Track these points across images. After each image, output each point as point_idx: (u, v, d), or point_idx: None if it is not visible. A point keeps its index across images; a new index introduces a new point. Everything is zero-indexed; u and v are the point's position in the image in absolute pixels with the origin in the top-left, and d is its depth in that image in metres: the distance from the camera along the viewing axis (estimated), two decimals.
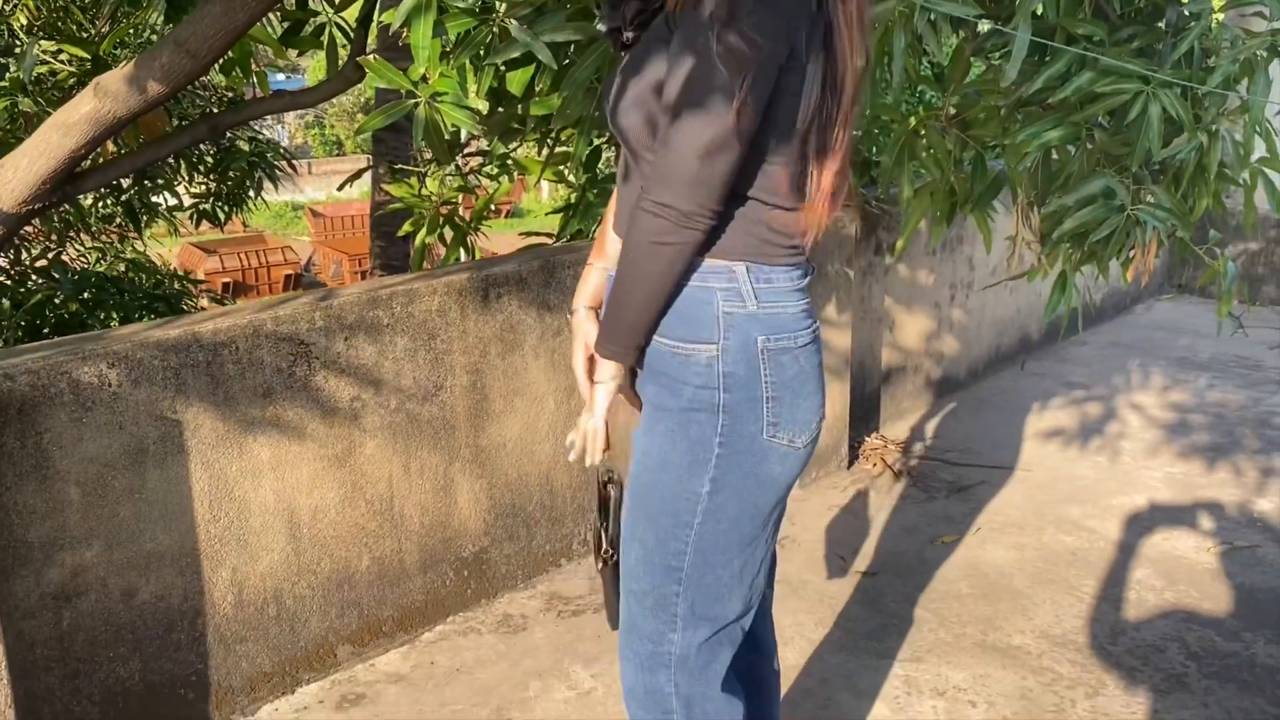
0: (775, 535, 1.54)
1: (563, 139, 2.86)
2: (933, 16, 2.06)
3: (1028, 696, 2.35)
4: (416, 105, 2.08)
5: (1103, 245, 2.39)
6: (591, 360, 1.50)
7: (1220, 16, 2.55)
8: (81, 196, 4.87)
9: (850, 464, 3.65)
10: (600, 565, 1.60)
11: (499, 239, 6.28)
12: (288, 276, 13.12)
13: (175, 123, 4.10)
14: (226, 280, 12.46)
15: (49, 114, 2.55)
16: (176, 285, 4.68)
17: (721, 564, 1.46)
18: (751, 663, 1.71)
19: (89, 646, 2.04)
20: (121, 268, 4.78)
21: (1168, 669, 2.45)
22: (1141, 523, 3.20)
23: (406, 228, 3.43)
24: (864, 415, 3.90)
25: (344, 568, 2.41)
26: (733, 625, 1.50)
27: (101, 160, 2.89)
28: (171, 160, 4.59)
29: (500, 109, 2.45)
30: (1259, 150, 2.39)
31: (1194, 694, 2.36)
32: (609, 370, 1.45)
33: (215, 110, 4.49)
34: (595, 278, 1.58)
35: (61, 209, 4.46)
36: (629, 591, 1.50)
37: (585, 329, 1.55)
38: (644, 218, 1.33)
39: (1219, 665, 2.47)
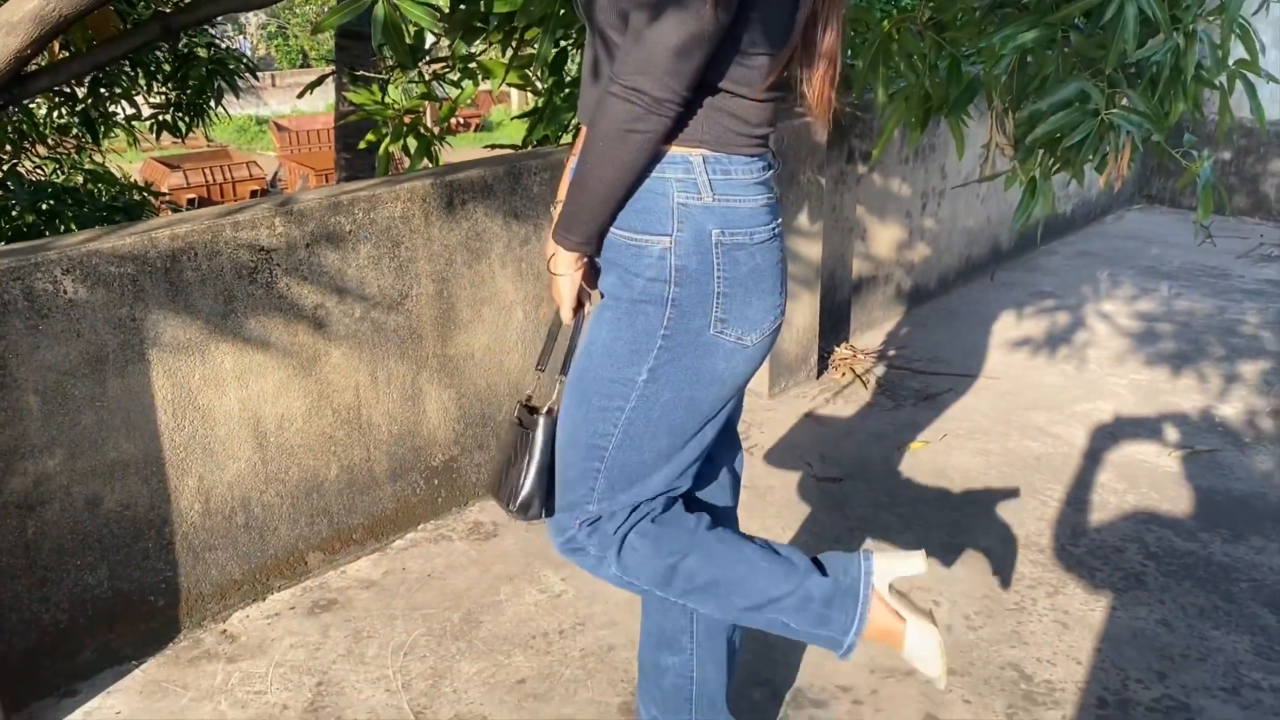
0: (715, 432, 1.52)
1: (527, 39, 2.79)
2: None
3: (990, 596, 2.40)
4: (376, 2, 2.01)
5: (1076, 150, 2.37)
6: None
7: None
8: (35, 105, 4.74)
9: (819, 374, 3.67)
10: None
11: (468, 154, 6.18)
12: (253, 192, 12.91)
13: (125, 26, 3.96)
14: (191, 196, 12.24)
15: None
16: (137, 197, 4.58)
17: (648, 449, 1.47)
18: None
19: (55, 554, 2.03)
20: (80, 179, 4.68)
21: (1127, 568, 2.51)
22: (1106, 428, 3.24)
23: (370, 137, 3.36)
24: (834, 325, 3.90)
25: (312, 476, 2.41)
26: (647, 502, 1.51)
27: (49, 63, 2.79)
28: (128, 69, 4.46)
29: (462, 5, 2.38)
30: (1237, 53, 2.36)
31: (1151, 591, 2.42)
32: (565, 261, 1.44)
33: (167, 10, 4.36)
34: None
35: (15, 119, 4.33)
36: (560, 454, 1.54)
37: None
38: (613, 103, 1.30)
39: (1176, 564, 2.52)
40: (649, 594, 1.56)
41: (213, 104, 4.85)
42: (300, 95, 3.76)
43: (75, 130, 4.87)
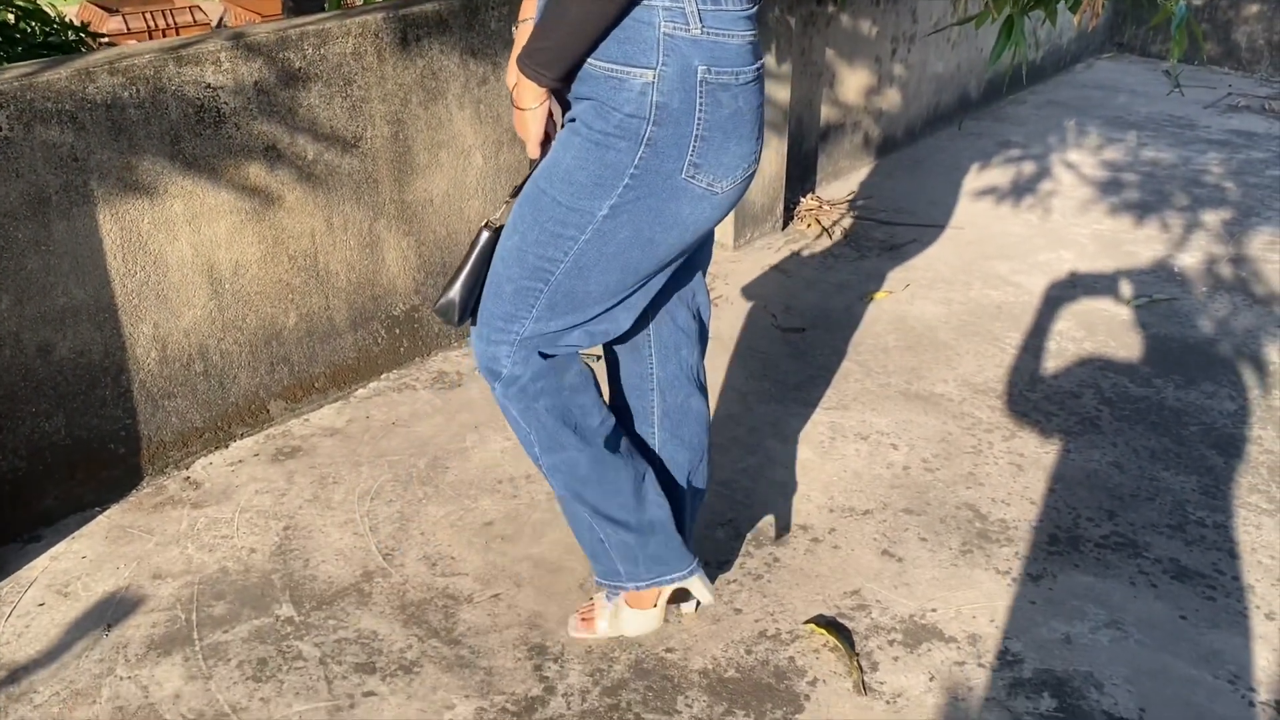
0: (664, 280, 1.53)
1: None
2: None
3: (947, 440, 2.45)
4: None
5: None
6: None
7: None
8: None
9: (785, 225, 3.63)
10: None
11: None
12: None
13: None
14: (131, 42, 11.71)
15: None
16: (73, 37, 4.34)
17: (595, 280, 1.46)
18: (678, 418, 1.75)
19: (8, 402, 1.99)
20: (10, 17, 4.42)
21: (1082, 413, 2.56)
22: (1067, 278, 3.26)
23: None
24: (800, 175, 3.84)
25: (270, 324, 2.37)
26: (583, 325, 1.52)
27: None
28: None
29: None
30: None
31: (1105, 434, 2.47)
32: (533, 94, 1.38)
33: None
34: None
35: None
36: (494, 273, 1.51)
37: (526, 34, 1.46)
38: None
39: (1130, 409, 2.58)
40: (521, 439, 1.62)
41: None
42: None
43: None
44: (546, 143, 1.49)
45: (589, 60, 1.34)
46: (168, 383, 2.22)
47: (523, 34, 1.46)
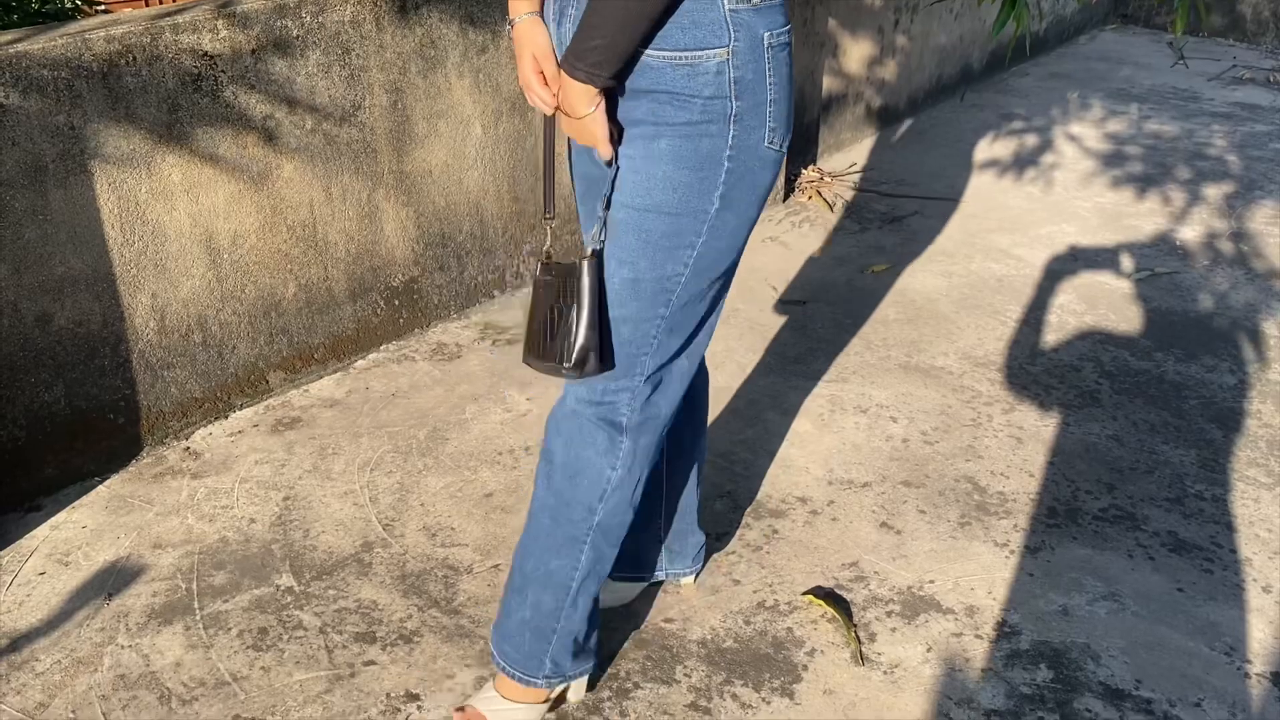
0: None
1: None
2: None
3: (947, 413, 2.45)
4: None
5: None
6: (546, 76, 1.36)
7: None
8: None
9: (786, 197, 3.62)
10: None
11: None
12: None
13: None
14: (127, 9, 11.61)
15: None
16: (69, 4, 4.31)
17: (709, 281, 1.41)
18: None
19: (8, 371, 1.99)
20: None
21: (1081, 386, 2.55)
22: (1068, 251, 3.25)
23: None
24: (802, 147, 3.82)
25: (270, 294, 2.36)
26: (691, 340, 1.47)
27: None
28: None
29: None
30: None
31: (1104, 408, 2.47)
32: (589, 98, 1.29)
33: None
34: None
35: None
36: (614, 307, 1.40)
37: (536, 37, 1.36)
38: None
39: (1130, 382, 2.57)
40: (620, 493, 1.50)
41: None
42: None
43: None
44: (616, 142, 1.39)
45: (648, 53, 1.28)
46: (167, 353, 2.22)
47: (522, 34, 1.36)
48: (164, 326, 2.20)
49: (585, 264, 1.37)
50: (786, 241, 3.30)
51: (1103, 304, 2.93)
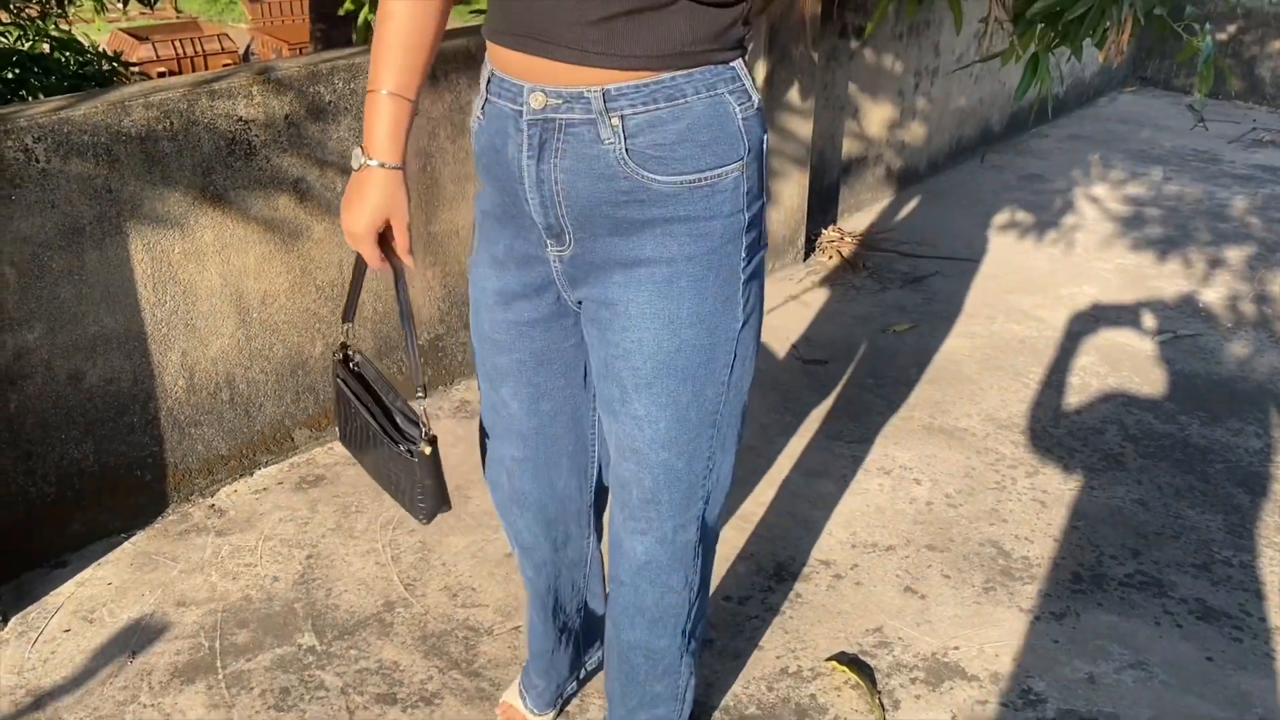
0: None
1: None
2: None
3: (971, 475, 2.44)
4: None
5: (1077, 25, 2.31)
6: (383, 237, 1.25)
7: None
8: None
9: (806, 256, 3.64)
10: (414, 450, 1.33)
11: (450, 22, 5.97)
12: (225, 66, 12.56)
13: None
14: (161, 70, 11.91)
15: None
16: (106, 67, 4.43)
17: (747, 389, 1.36)
18: None
19: (40, 429, 2.02)
20: (45, 48, 4.51)
21: (1105, 449, 2.54)
22: (1090, 312, 3.25)
23: (348, 6, 3.24)
24: (822, 207, 3.86)
25: (297, 353, 2.39)
26: (737, 446, 1.41)
27: None
28: None
29: None
30: None
31: (1129, 471, 2.46)
32: None
33: None
34: (397, 111, 1.22)
35: None
36: (653, 464, 1.32)
37: (399, 196, 1.23)
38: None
39: (1154, 445, 2.56)
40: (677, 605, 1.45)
41: None
42: None
43: None
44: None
45: (663, 179, 1.17)
46: (195, 410, 2.25)
47: (383, 187, 1.22)
48: (193, 384, 2.22)
49: (427, 461, 1.31)
50: (807, 300, 3.32)
51: (1126, 366, 2.93)
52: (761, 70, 3.16)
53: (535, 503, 1.51)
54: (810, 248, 3.68)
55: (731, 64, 1.19)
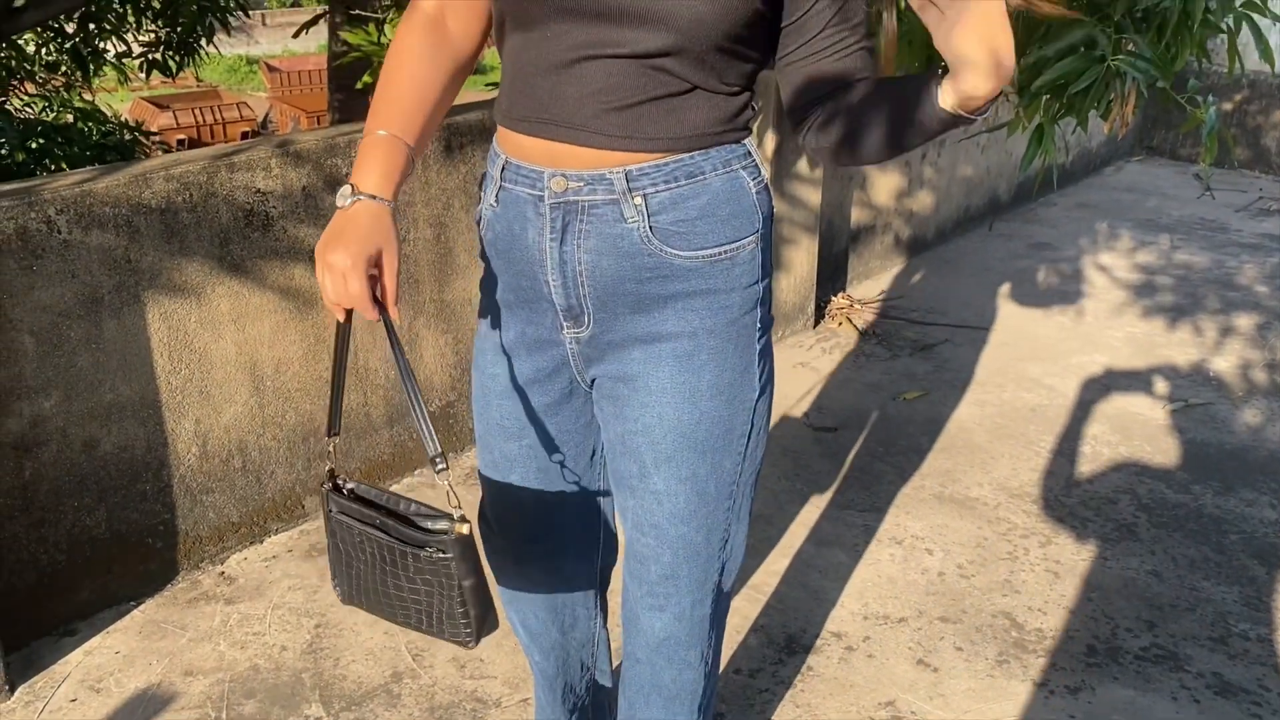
0: None
1: None
2: None
3: (983, 545, 2.42)
4: None
5: (1082, 97, 2.34)
6: (375, 280, 1.13)
7: None
8: (24, 42, 4.65)
9: (816, 323, 3.66)
10: (445, 542, 1.15)
11: (465, 95, 6.08)
12: (244, 133, 12.75)
13: None
14: (181, 137, 12.10)
15: None
16: (128, 136, 4.52)
17: (761, 456, 1.35)
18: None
19: (53, 496, 2.03)
20: (69, 118, 4.61)
21: (1119, 519, 2.53)
22: (1101, 381, 3.25)
23: (366, 79, 3.31)
24: (831, 275, 3.89)
25: (309, 420, 2.40)
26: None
27: None
28: (117, 5, 4.38)
29: None
30: None
31: (1143, 542, 2.44)
32: None
33: None
34: (394, 152, 1.18)
35: (3, 54, 4.26)
36: (672, 539, 1.32)
37: (390, 227, 1.14)
38: None
39: (1168, 515, 2.54)
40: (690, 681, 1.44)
41: (204, 42, 4.77)
42: (296, 35, 3.71)
43: (65, 67, 4.80)
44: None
45: (684, 255, 1.19)
46: (207, 478, 2.26)
47: (375, 218, 1.13)
48: (205, 452, 2.24)
49: (461, 542, 1.14)
50: (818, 367, 3.33)
51: (1137, 435, 2.92)
52: (771, 142, 3.21)
53: (544, 589, 1.50)
54: (820, 315, 3.70)
55: (744, 141, 1.21)
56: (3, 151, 3.69)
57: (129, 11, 4.44)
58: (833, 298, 3.84)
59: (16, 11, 2.26)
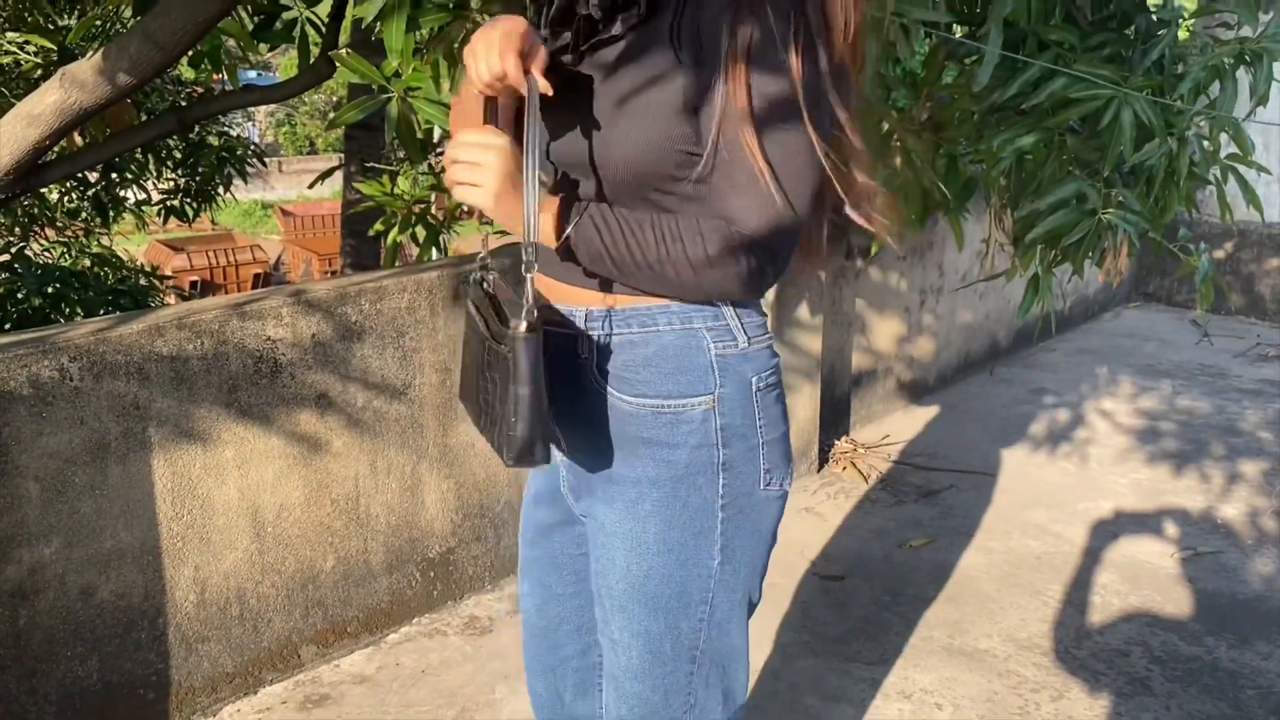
0: None
1: None
2: (905, 21, 2.07)
3: (993, 699, 2.36)
4: (389, 100, 2.06)
5: (1075, 248, 2.40)
6: (520, 58, 1.11)
7: (1190, 25, 2.58)
8: (47, 189, 4.81)
9: (820, 468, 3.66)
10: (511, 338, 1.15)
11: (474, 240, 6.22)
12: (256, 275, 13.02)
13: (142, 117, 4.04)
14: (194, 278, 12.34)
15: (14, 104, 2.51)
16: (143, 281, 4.62)
17: (735, 632, 1.31)
18: None
19: (46, 645, 2.00)
20: (86, 262, 4.72)
21: (1131, 672, 2.47)
22: (1107, 528, 3.22)
23: (378, 227, 3.40)
24: (834, 419, 3.90)
25: (308, 567, 2.38)
26: (733, 687, 1.35)
27: (67, 151, 2.84)
28: (139, 154, 4.54)
29: None
30: (1228, 147, 2.42)
31: (1157, 697, 2.38)
32: (547, 236, 1.18)
33: (184, 104, 4.45)
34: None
35: (26, 202, 4.39)
36: (628, 694, 1.31)
37: (524, 24, 1.14)
38: (721, 241, 1.14)
39: (1182, 669, 2.49)
40: None
41: (221, 190, 4.93)
42: (312, 185, 3.83)
43: (85, 214, 4.94)
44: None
45: (627, 399, 1.23)
46: (203, 626, 2.22)
47: (463, 104, 1.24)
48: (203, 599, 2.21)
49: (520, 342, 1.14)
50: (822, 513, 3.31)
51: (1146, 584, 2.88)
52: (770, 291, 3.27)
53: (546, 706, 1.50)
54: (824, 459, 3.70)
55: (720, 305, 1.24)
56: (20, 296, 3.77)
57: (150, 161, 4.61)
58: (836, 442, 3.85)
59: (45, 165, 2.34)
